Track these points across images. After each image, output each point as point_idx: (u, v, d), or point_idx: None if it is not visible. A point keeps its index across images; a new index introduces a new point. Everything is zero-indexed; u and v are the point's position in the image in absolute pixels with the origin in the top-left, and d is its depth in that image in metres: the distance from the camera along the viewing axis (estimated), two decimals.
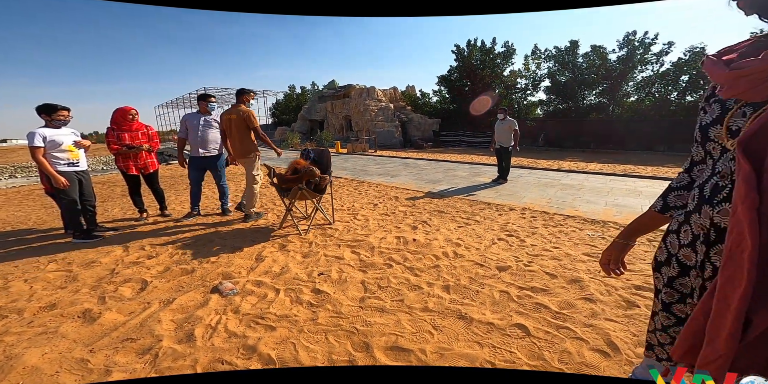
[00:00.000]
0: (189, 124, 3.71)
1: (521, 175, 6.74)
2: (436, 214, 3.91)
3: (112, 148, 3.57)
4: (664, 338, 0.93)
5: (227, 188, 4.09)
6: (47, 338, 1.59)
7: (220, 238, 3.17)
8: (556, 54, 18.98)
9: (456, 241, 2.99)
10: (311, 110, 25.53)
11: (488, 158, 11.07)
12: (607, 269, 0.98)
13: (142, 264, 2.55)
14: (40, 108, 2.85)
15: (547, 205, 4.24)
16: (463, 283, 2.23)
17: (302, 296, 2.05)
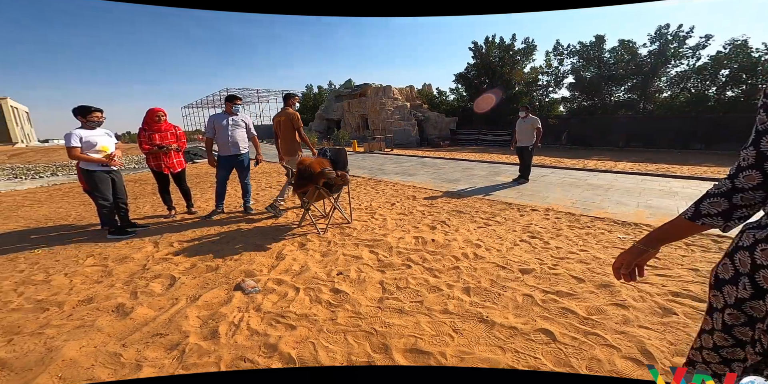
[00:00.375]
0: (217, 124, 3.83)
1: (544, 175, 6.51)
2: (454, 214, 3.84)
3: (144, 147, 3.74)
4: (713, 357, 0.86)
5: (250, 187, 4.21)
6: (84, 332, 1.68)
7: (242, 235, 3.26)
8: (580, 49, 18.28)
9: (476, 242, 2.92)
10: (328, 109, 25.83)
11: (508, 157, 10.79)
12: (617, 274, 0.91)
13: (170, 260, 2.66)
14: (76, 110, 3.02)
15: (573, 206, 4.06)
16: (484, 285, 2.17)
17: (321, 296, 2.06)
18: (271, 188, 6.02)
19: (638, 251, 0.89)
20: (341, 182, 3.32)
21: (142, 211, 4.50)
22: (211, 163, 3.93)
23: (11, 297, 2.07)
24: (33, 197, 6.13)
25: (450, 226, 3.41)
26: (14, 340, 1.61)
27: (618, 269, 0.93)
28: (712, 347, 0.85)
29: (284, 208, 4.29)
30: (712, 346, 0.85)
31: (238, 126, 3.91)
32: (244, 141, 3.98)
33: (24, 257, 2.85)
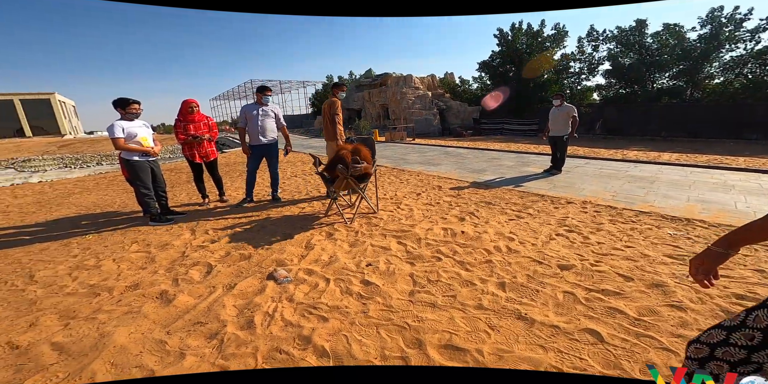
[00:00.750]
0: (248, 114, 3.90)
1: (578, 166, 6.14)
2: (483, 206, 3.71)
3: (179, 138, 3.87)
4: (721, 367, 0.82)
5: (278, 176, 4.28)
6: (132, 317, 1.78)
7: (271, 224, 3.32)
8: (618, 35, 16.92)
9: (508, 235, 2.80)
10: (349, 99, 25.79)
11: (536, 147, 10.31)
12: (700, 281, 0.87)
13: (206, 248, 2.76)
14: (116, 102, 3.15)
15: (613, 199, 3.79)
16: (520, 280, 2.07)
17: (352, 287, 2.06)
18: (296, 177, 6.10)
19: (716, 255, 0.84)
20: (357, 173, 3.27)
21: (179, 199, 4.71)
22: (245, 151, 4.01)
23: (67, 281, 2.23)
24: (82, 185, 6.59)
25: (479, 217, 3.30)
26: (71, 325, 1.72)
27: (696, 275, 0.87)
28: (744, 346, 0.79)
29: (311, 198, 4.32)
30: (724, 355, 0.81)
31: (268, 116, 3.95)
32: (273, 131, 4.03)
33: (77, 242, 3.06)
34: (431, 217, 3.36)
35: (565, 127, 5.23)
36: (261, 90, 3.90)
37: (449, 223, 3.15)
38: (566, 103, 5.31)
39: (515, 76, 19.52)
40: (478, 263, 2.33)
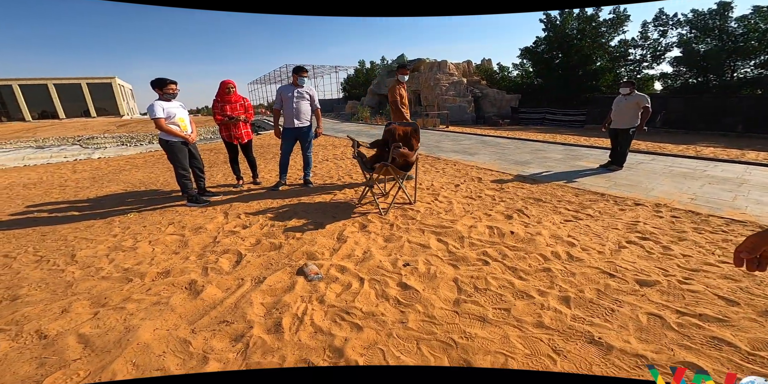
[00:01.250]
0: (284, 95, 3.76)
1: (641, 162, 5.40)
2: (532, 203, 3.31)
3: (217, 118, 3.84)
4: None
5: (311, 160, 4.15)
6: (159, 310, 1.70)
7: (303, 210, 3.19)
8: (693, 19, 14.77)
9: (567, 239, 2.43)
10: (380, 85, 25.37)
11: (587, 139, 9.39)
12: (738, 259, 0.75)
13: (237, 234, 2.68)
14: (154, 82, 3.11)
15: (692, 203, 3.22)
16: (589, 296, 1.75)
17: (388, 290, 1.85)
18: (328, 161, 5.96)
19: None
20: (403, 163, 3.00)
21: (215, 180, 4.76)
22: (277, 135, 3.90)
23: (103, 263, 2.24)
24: (133, 162, 6.96)
25: (529, 216, 2.93)
26: (99, 314, 1.68)
27: (740, 253, 0.75)
28: None
29: (342, 184, 4.15)
30: None
31: (303, 98, 3.78)
32: (307, 113, 3.87)
33: (119, 221, 3.13)
34: (473, 212, 3.04)
35: (633, 118, 4.55)
36: (297, 71, 3.71)
37: (495, 221, 2.82)
38: (636, 91, 4.61)
39: (562, 64, 17.94)
40: (533, 271, 2.02)
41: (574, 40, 17.54)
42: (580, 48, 17.29)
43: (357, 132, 12.16)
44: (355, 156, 3.14)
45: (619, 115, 4.67)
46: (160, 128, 3.10)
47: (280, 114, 3.88)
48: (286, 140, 3.89)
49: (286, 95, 3.73)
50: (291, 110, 3.75)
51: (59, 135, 17.37)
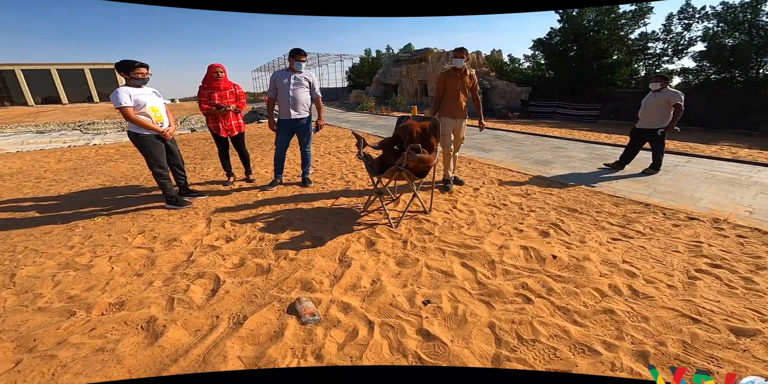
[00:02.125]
0: (278, 83, 3.24)
1: (676, 164, 4.88)
2: (567, 214, 2.84)
3: (203, 107, 3.34)
4: None
5: (311, 155, 3.67)
6: (101, 361, 1.27)
7: (299, 219, 2.73)
8: (721, 12, 14.01)
9: (623, 266, 1.98)
10: (386, 74, 24.91)
11: (608, 136, 8.84)
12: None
13: (218, 250, 2.23)
14: (119, 65, 2.57)
15: (752, 218, 2.74)
16: (673, 350, 1.30)
17: (406, 341, 1.40)
18: (330, 155, 5.46)
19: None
20: (423, 168, 2.51)
21: (205, 174, 4.29)
22: (272, 127, 3.40)
23: (46, 287, 1.79)
24: (124, 151, 6.48)
25: (569, 233, 2.47)
26: (21, 364, 1.25)
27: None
28: None
29: (346, 184, 3.68)
30: None
31: (301, 85, 3.25)
32: (306, 103, 3.35)
33: (83, 226, 2.68)
34: (501, 226, 2.58)
35: (663, 117, 4.08)
36: (294, 54, 3.17)
37: (529, 239, 2.36)
38: (669, 87, 4.12)
39: (576, 56, 17.18)
40: (591, 313, 1.57)
41: (590, 32, 16.76)
42: (597, 40, 16.52)
43: (361, 122, 11.60)
44: (360, 156, 2.66)
45: (648, 114, 4.19)
46: (128, 119, 2.58)
47: (274, 103, 3.37)
48: (281, 133, 3.39)
49: (281, 82, 3.21)
50: (287, 99, 3.23)
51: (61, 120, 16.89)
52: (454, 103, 3.29)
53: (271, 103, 3.36)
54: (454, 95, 3.27)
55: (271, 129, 3.41)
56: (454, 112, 3.32)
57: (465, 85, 3.28)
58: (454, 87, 3.26)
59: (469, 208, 2.93)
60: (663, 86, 4.12)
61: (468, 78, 3.29)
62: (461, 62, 3.20)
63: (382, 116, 14.61)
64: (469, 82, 3.30)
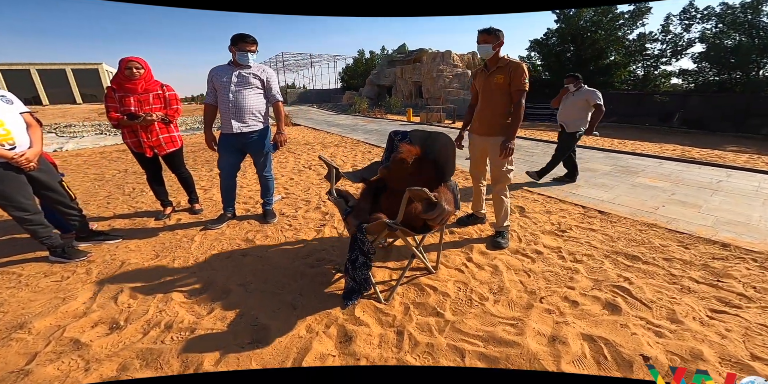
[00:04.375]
0: (217, 82, 2.31)
1: (719, 180, 4.13)
2: (628, 265, 2.00)
3: (111, 116, 2.38)
4: None
5: (272, 181, 2.73)
6: None
7: (241, 284, 1.81)
8: (721, 12, 13.80)
9: (757, 365, 1.13)
10: (380, 75, 24.42)
11: (623, 143, 8.19)
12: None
13: (84, 351, 1.31)
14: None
15: None
16: None
17: None
18: (309, 170, 4.53)
19: None
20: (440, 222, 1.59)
21: (140, 200, 3.28)
22: (209, 145, 2.47)
23: None
24: (94, 159, 5.59)
25: (645, 302, 1.62)
26: None
27: None
28: None
29: (323, 215, 2.76)
30: None
31: (248, 85, 2.32)
32: (257, 110, 2.41)
33: None
34: (544, 296, 1.71)
35: (581, 119, 3.68)
36: (236, 40, 2.22)
37: (592, 321, 1.50)
38: (585, 86, 3.74)
39: (573, 58, 16.78)
40: None
41: (587, 32, 16.34)
42: (595, 41, 16.11)
43: (352, 126, 10.70)
44: (331, 197, 1.77)
45: (566, 115, 3.79)
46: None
47: (215, 112, 2.45)
48: (224, 153, 2.47)
49: (219, 81, 2.29)
50: (227, 105, 2.31)
51: None
52: (481, 112, 2.26)
53: (210, 112, 2.43)
54: (482, 101, 2.26)
55: (210, 147, 2.47)
56: (481, 125, 2.26)
57: (498, 85, 2.10)
58: (482, 89, 2.22)
59: (491, 261, 2.05)
60: (577, 86, 3.76)
61: (502, 75, 2.08)
62: (486, 50, 2.05)
63: (375, 119, 13.77)
64: (502, 80, 2.08)
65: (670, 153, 6.04)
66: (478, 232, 2.46)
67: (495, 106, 2.16)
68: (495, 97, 2.14)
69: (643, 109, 13.48)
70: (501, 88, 2.10)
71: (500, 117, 2.16)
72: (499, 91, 2.12)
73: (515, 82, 2.05)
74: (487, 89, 2.17)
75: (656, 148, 6.70)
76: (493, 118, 2.18)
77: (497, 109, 2.15)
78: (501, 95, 2.12)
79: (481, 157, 2.37)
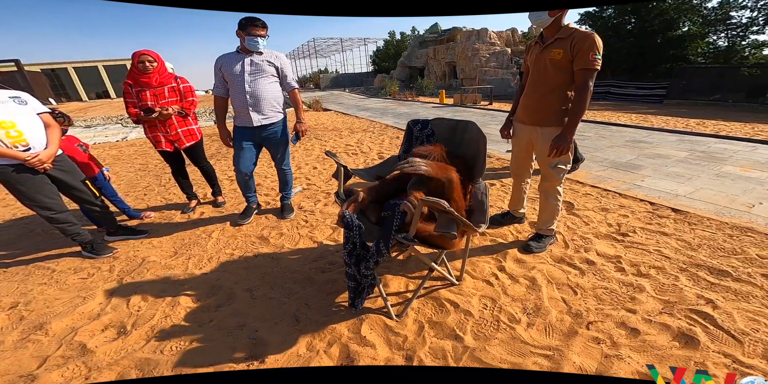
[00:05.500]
0: (227, 71, 2.14)
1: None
2: (712, 283, 1.57)
3: (131, 112, 2.39)
4: None
5: (291, 174, 2.60)
6: None
7: (247, 290, 1.72)
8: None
9: None
10: (411, 57, 23.73)
11: (702, 123, 6.98)
12: None
13: (87, 358, 1.30)
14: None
15: None
16: None
17: None
18: (341, 155, 4.37)
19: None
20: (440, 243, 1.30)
21: (172, 192, 3.34)
22: (225, 141, 2.35)
23: None
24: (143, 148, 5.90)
25: (735, 335, 1.23)
26: None
27: None
28: None
29: None
30: None
31: (263, 73, 2.14)
32: (275, 100, 2.24)
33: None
34: (592, 320, 1.38)
35: None
36: (245, 25, 1.99)
37: (655, 353, 1.16)
38: None
39: (636, 30, 14.53)
40: None
41: (653, 1, 13.96)
42: (662, 11, 13.71)
43: (382, 110, 10.38)
44: (339, 198, 1.56)
45: None
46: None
47: (226, 104, 2.31)
48: (240, 148, 2.30)
49: (230, 70, 2.10)
50: (243, 96, 2.14)
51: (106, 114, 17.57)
52: (530, 96, 1.78)
53: (221, 105, 2.27)
54: (531, 81, 1.78)
55: (225, 143, 2.33)
56: (526, 112, 1.81)
57: (554, 61, 1.62)
58: (533, 66, 1.76)
59: (527, 272, 1.73)
60: None
61: (561, 50, 1.59)
62: (539, 17, 1.61)
63: (407, 102, 13.26)
64: (561, 55, 1.59)
65: (766, 135, 4.92)
66: (514, 234, 2.12)
67: (548, 89, 1.68)
68: (548, 76, 1.67)
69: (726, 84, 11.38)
70: (558, 65, 1.61)
71: (554, 103, 1.68)
72: (555, 70, 1.63)
73: (581, 58, 1.54)
74: (540, 66, 1.69)
75: (747, 128, 5.51)
76: (543, 104, 1.72)
77: (551, 93, 1.68)
78: (558, 74, 1.64)
79: (526, 152, 1.94)
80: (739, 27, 13.91)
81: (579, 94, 1.59)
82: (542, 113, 1.73)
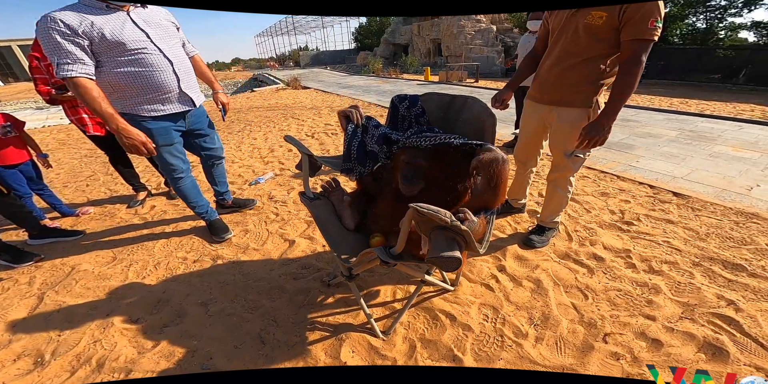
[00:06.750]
0: (113, 35, 1.30)
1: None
2: (728, 280, 1.43)
3: (41, 90, 1.90)
4: None
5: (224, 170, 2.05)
6: None
7: (203, 303, 1.44)
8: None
9: None
10: (395, 33, 22.96)
11: (685, 102, 6.96)
12: None
13: None
14: None
15: None
16: None
17: None
18: (313, 138, 3.98)
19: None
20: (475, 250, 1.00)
21: (120, 182, 2.84)
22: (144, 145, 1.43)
23: None
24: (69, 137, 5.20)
25: (764, 342, 1.09)
26: None
27: None
28: None
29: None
30: None
31: (172, 37, 1.53)
32: (193, 72, 1.65)
33: None
34: (607, 328, 1.20)
35: None
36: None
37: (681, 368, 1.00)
38: None
39: None
40: None
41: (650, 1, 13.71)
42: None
43: (365, 88, 9.78)
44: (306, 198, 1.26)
45: None
46: None
47: (94, 88, 1.30)
48: (170, 147, 1.60)
49: (116, 33, 1.30)
50: (167, 71, 1.46)
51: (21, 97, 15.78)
52: (552, 68, 1.41)
53: (92, 89, 1.30)
54: (553, 50, 1.40)
55: (141, 149, 1.43)
56: (543, 88, 1.47)
57: (591, 28, 1.24)
58: (560, 31, 1.36)
59: (531, 273, 1.53)
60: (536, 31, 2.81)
61: (605, 13, 1.19)
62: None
63: (390, 79, 12.62)
64: (603, 20, 1.20)
65: (748, 114, 4.91)
66: (513, 226, 1.91)
67: (576, 61, 1.32)
68: (579, 45, 1.29)
69: (702, 65, 11.56)
70: (597, 32, 1.23)
71: (581, 79, 1.34)
72: (589, 38, 1.25)
73: (635, 25, 1.14)
74: (568, 32, 1.31)
75: (729, 108, 5.51)
76: (566, 80, 1.37)
77: (578, 67, 1.32)
78: (592, 44, 1.26)
79: (535, 135, 1.63)
80: (717, 9, 13.97)
81: (628, 72, 1.20)
82: (563, 91, 1.40)
